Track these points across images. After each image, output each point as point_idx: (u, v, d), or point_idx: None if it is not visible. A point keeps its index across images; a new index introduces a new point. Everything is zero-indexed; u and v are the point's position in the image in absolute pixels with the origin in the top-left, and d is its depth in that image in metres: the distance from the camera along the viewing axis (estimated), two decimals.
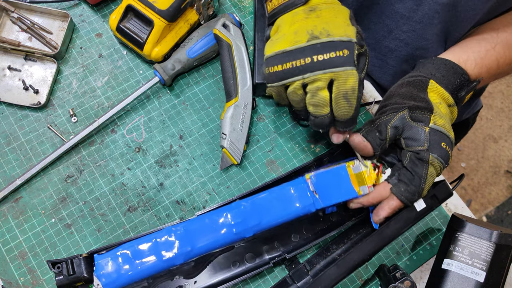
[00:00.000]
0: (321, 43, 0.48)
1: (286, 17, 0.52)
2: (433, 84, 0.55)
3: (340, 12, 0.51)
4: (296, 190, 0.54)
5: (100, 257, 0.49)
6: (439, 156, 0.51)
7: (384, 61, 0.75)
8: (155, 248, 0.50)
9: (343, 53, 0.47)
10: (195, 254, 0.51)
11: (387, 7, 0.66)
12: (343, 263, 0.52)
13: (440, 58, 0.58)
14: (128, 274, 0.49)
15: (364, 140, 0.53)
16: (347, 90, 0.48)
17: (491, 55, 0.60)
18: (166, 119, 0.67)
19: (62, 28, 0.70)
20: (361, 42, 0.49)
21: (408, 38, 0.68)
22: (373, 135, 0.53)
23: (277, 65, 0.50)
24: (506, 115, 1.97)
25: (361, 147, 0.54)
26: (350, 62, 0.48)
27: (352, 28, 0.49)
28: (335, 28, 0.49)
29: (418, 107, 0.52)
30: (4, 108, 0.66)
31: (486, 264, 0.52)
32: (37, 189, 0.62)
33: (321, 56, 0.48)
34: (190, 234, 0.51)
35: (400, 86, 0.56)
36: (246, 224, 0.52)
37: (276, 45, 0.50)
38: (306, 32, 0.49)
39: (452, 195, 0.57)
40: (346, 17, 0.51)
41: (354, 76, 0.48)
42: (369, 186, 0.56)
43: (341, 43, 0.48)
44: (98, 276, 0.48)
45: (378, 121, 0.53)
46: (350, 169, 0.56)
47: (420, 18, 0.64)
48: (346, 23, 0.50)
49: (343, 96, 0.49)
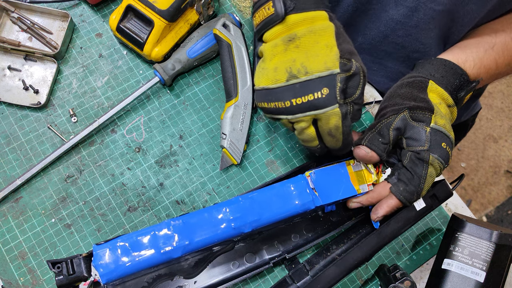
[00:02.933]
0: (300, 83, 0.47)
1: (267, 47, 0.50)
2: (432, 84, 0.55)
3: (323, 33, 0.48)
4: (296, 187, 0.54)
5: (99, 247, 0.49)
6: (439, 157, 0.51)
7: (381, 64, 0.75)
8: (153, 241, 0.50)
9: (322, 93, 0.46)
10: (193, 247, 0.51)
11: (381, 13, 0.66)
12: (342, 263, 0.52)
13: (440, 58, 0.58)
14: (126, 265, 0.49)
15: (369, 152, 0.53)
16: (331, 129, 0.49)
17: (489, 55, 0.60)
18: (166, 119, 0.67)
19: (62, 28, 0.70)
20: (347, 65, 0.47)
21: (404, 42, 0.68)
22: (376, 142, 0.53)
23: (263, 102, 0.50)
24: (506, 115, 1.97)
25: (367, 159, 0.54)
26: (331, 101, 0.46)
27: (334, 54, 0.47)
28: (314, 62, 0.47)
29: (418, 107, 0.52)
30: (4, 108, 0.66)
31: (486, 264, 0.52)
32: (37, 189, 0.62)
33: (300, 99, 0.47)
34: (189, 227, 0.51)
35: (400, 86, 0.56)
36: (245, 219, 0.52)
37: (259, 80, 0.50)
38: (285, 70, 0.47)
39: (452, 195, 0.57)
40: (329, 37, 0.48)
41: (336, 115, 0.47)
42: (369, 184, 0.56)
43: (320, 80, 0.46)
44: (96, 266, 0.48)
45: (379, 124, 0.53)
46: (350, 167, 0.56)
47: (415, 23, 0.64)
48: (329, 46, 0.47)
49: (328, 133, 0.49)
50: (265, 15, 0.49)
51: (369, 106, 0.71)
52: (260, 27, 0.51)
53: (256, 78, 0.51)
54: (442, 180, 0.57)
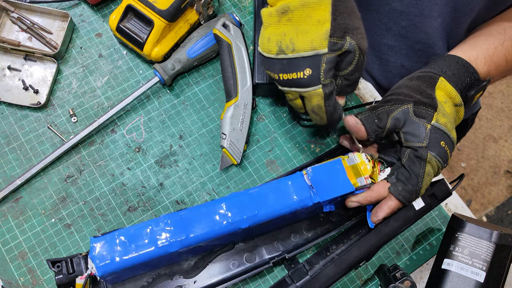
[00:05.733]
0: (287, 60, 0.49)
1: (264, 14, 0.51)
2: (442, 81, 0.54)
3: (316, 7, 0.47)
4: (293, 184, 0.55)
5: (96, 240, 0.49)
6: (437, 155, 0.51)
7: (383, 59, 0.75)
8: (150, 235, 0.50)
9: (305, 74, 0.48)
10: (190, 242, 0.51)
11: (384, 7, 0.66)
12: (340, 261, 0.52)
13: (453, 55, 0.57)
14: (122, 258, 0.49)
15: (358, 123, 0.53)
16: (313, 107, 0.51)
17: (499, 51, 0.59)
18: (166, 119, 0.67)
19: (62, 28, 0.70)
20: (338, 44, 0.47)
21: (407, 32, 0.68)
22: (370, 121, 0.53)
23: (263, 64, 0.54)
24: (506, 115, 1.97)
25: (354, 130, 0.54)
26: (313, 82, 0.48)
27: (324, 33, 0.46)
28: (302, 39, 0.48)
29: (423, 102, 0.52)
30: (4, 108, 0.66)
31: (486, 264, 0.52)
32: (37, 189, 0.62)
33: (286, 75, 0.50)
34: (186, 222, 0.51)
35: (410, 79, 0.56)
36: (242, 215, 0.52)
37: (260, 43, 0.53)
38: (276, 43, 0.50)
39: (451, 194, 0.57)
40: (324, 11, 0.46)
41: (318, 95, 0.49)
42: (366, 177, 0.56)
43: (304, 60, 0.48)
44: (93, 258, 0.48)
45: (381, 108, 0.53)
46: (345, 162, 0.56)
47: (419, 12, 0.64)
48: (321, 22, 0.47)
49: (311, 110, 0.52)
50: None
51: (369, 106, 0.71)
52: None
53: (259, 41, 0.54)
54: (441, 180, 0.57)
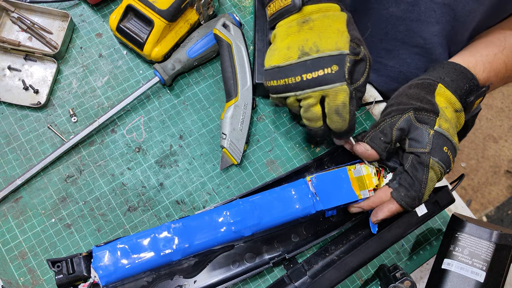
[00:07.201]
0: (311, 60, 0.49)
1: (281, 28, 0.52)
2: (441, 88, 0.54)
3: (335, 19, 0.50)
4: (297, 192, 0.54)
5: (98, 249, 0.49)
6: (440, 160, 0.50)
7: (381, 64, 0.75)
8: (153, 243, 0.50)
9: (332, 70, 0.48)
10: (193, 250, 0.51)
11: (381, 11, 0.66)
12: (342, 266, 0.52)
13: (451, 62, 0.57)
14: (125, 267, 0.49)
15: (368, 149, 0.54)
16: (338, 106, 0.50)
17: (499, 58, 0.59)
18: (166, 119, 0.67)
19: (62, 28, 0.70)
20: (357, 50, 0.49)
21: (405, 37, 0.68)
22: (377, 140, 0.53)
23: (272, 80, 0.52)
24: (506, 115, 1.97)
25: (365, 156, 0.55)
26: (339, 78, 0.48)
27: (345, 38, 0.49)
28: (326, 42, 0.49)
29: (424, 108, 0.52)
30: (4, 108, 0.66)
31: (486, 264, 0.52)
32: (37, 189, 0.62)
33: (310, 74, 0.49)
34: (189, 230, 0.51)
35: (409, 87, 0.56)
36: (245, 223, 0.52)
37: (271, 59, 0.52)
38: (297, 49, 0.49)
39: (454, 201, 0.56)
40: (341, 23, 0.50)
41: (344, 92, 0.49)
42: (370, 190, 0.56)
43: (330, 58, 0.48)
44: (96, 268, 0.48)
45: (383, 123, 0.53)
46: (351, 172, 0.56)
47: (416, 17, 0.64)
48: (341, 31, 0.49)
49: (335, 111, 0.50)
50: (281, 5, 0.52)
51: (369, 106, 0.71)
52: (275, 17, 0.53)
53: (267, 58, 0.53)
54: (444, 187, 0.57)
